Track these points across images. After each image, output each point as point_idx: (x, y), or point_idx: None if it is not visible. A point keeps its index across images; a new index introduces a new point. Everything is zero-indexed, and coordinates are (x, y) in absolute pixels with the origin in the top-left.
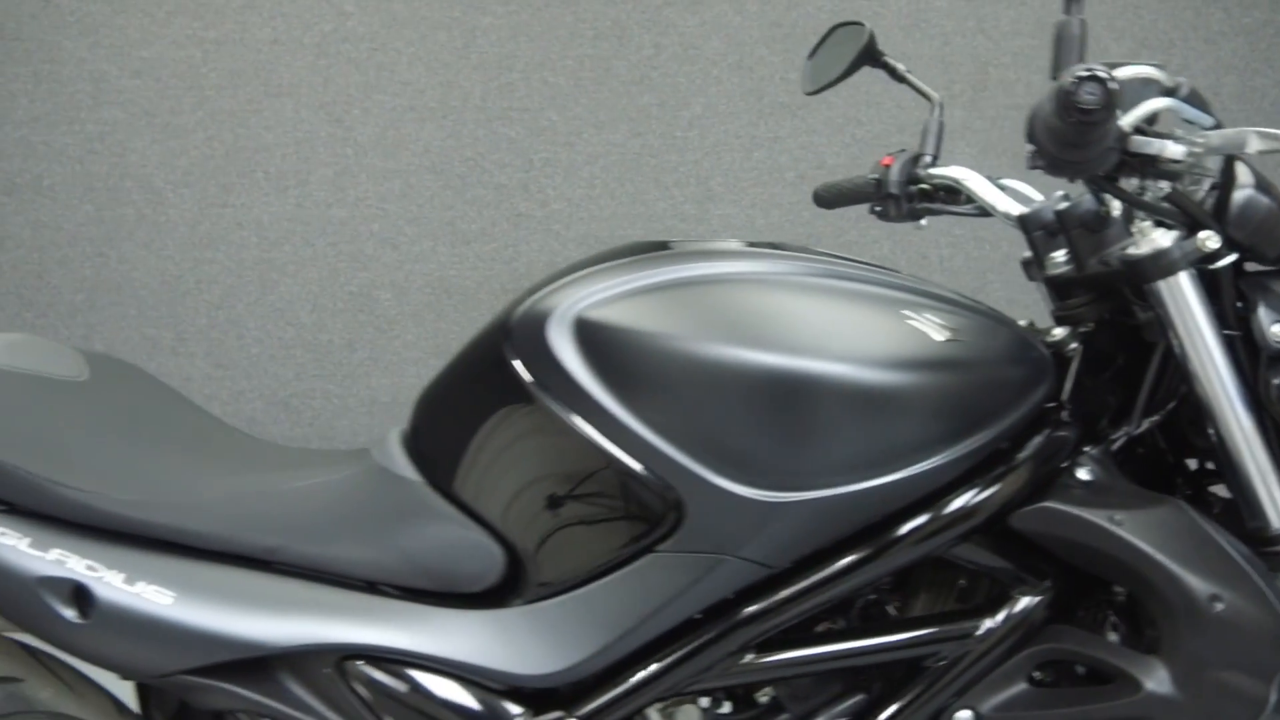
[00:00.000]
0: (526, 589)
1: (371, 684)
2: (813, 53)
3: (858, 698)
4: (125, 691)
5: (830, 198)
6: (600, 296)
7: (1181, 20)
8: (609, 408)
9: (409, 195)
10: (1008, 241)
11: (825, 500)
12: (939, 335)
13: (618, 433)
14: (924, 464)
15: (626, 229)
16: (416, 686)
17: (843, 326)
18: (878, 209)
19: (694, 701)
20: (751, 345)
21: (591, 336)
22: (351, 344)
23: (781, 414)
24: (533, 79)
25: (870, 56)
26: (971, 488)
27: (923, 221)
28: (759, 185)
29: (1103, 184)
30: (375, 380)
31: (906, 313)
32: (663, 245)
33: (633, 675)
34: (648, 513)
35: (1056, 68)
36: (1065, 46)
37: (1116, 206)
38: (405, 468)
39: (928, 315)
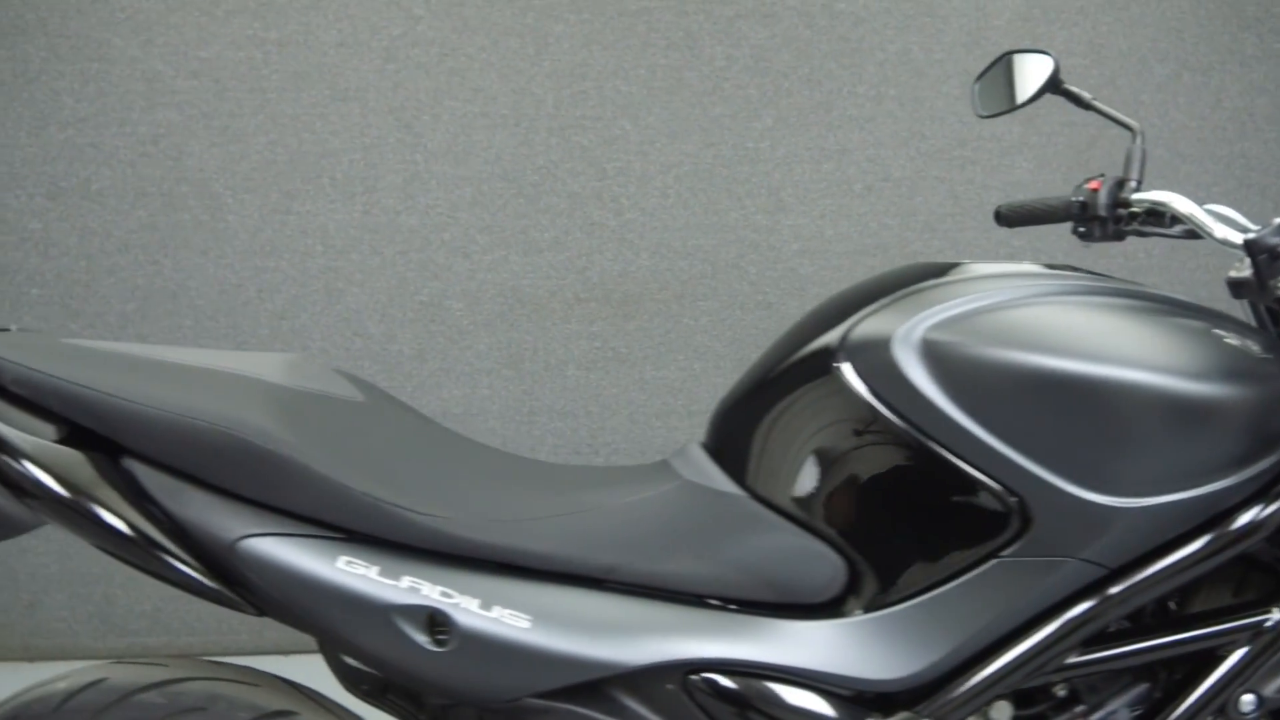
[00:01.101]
0: (867, 597)
1: (717, 697)
2: (980, 76)
3: (1143, 687)
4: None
5: (1014, 217)
6: (942, 317)
7: (1219, 44)
8: (959, 421)
9: (480, 203)
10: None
11: (1163, 506)
12: (1253, 350)
13: (966, 445)
14: (1252, 468)
15: (700, 239)
16: (763, 696)
17: (1172, 343)
18: (1081, 230)
19: (1007, 696)
20: (1096, 359)
21: (939, 354)
22: (422, 354)
23: (1126, 422)
24: (605, 88)
25: (1054, 85)
26: None
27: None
28: (828, 196)
29: None
30: (447, 391)
31: (1218, 331)
32: (953, 266)
33: (974, 676)
34: (993, 521)
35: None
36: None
37: None
38: (723, 482)
39: (1233, 334)
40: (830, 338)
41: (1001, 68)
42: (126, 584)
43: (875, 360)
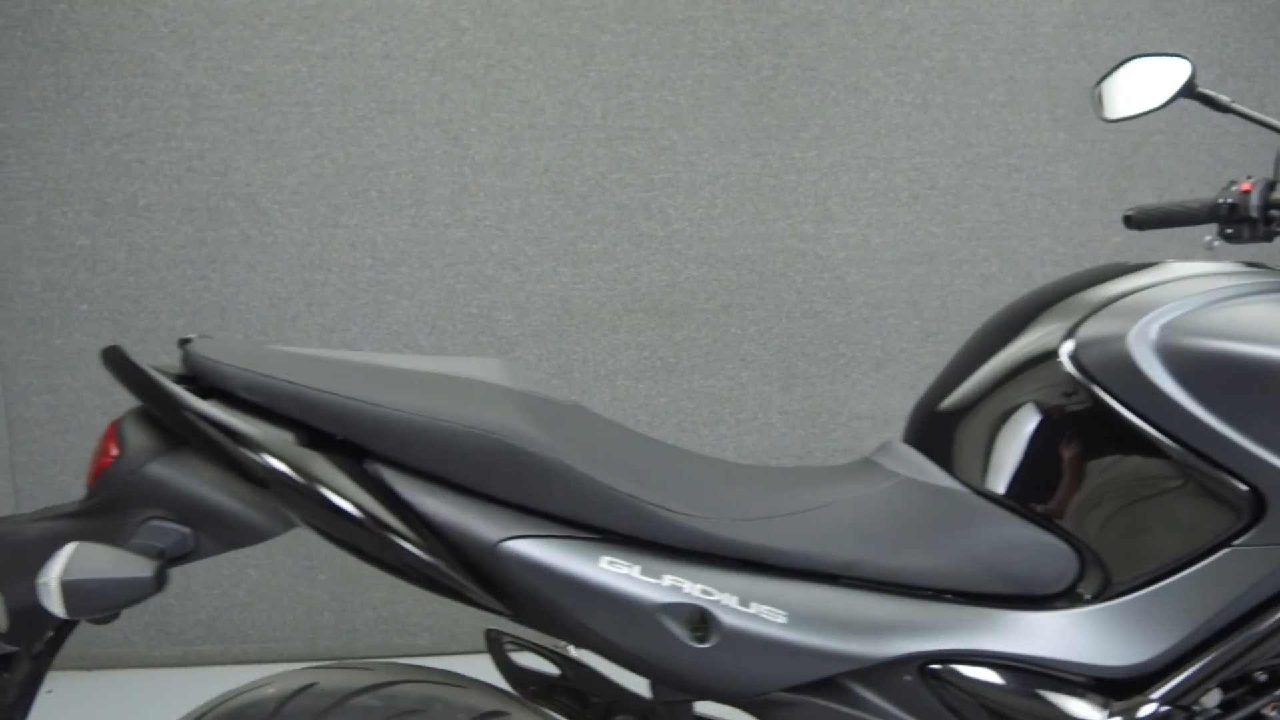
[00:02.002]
0: (1099, 587)
1: (955, 687)
2: (1102, 80)
3: None
4: None
5: (1147, 220)
6: (1173, 315)
7: (1263, 49)
8: (1196, 414)
9: (529, 215)
10: None
11: None
12: None
13: (1203, 437)
14: None
15: (747, 248)
16: (998, 685)
17: None
18: (1229, 231)
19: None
20: None
21: (1174, 350)
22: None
23: None
24: (653, 98)
25: (1190, 89)
26: None
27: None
28: (875, 205)
29: None
30: None
31: None
32: (1155, 266)
33: (1203, 661)
34: (1226, 511)
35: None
36: None
37: None
38: (942, 478)
39: None
40: (1053, 338)
41: (1128, 72)
42: (181, 594)
43: (1109, 358)
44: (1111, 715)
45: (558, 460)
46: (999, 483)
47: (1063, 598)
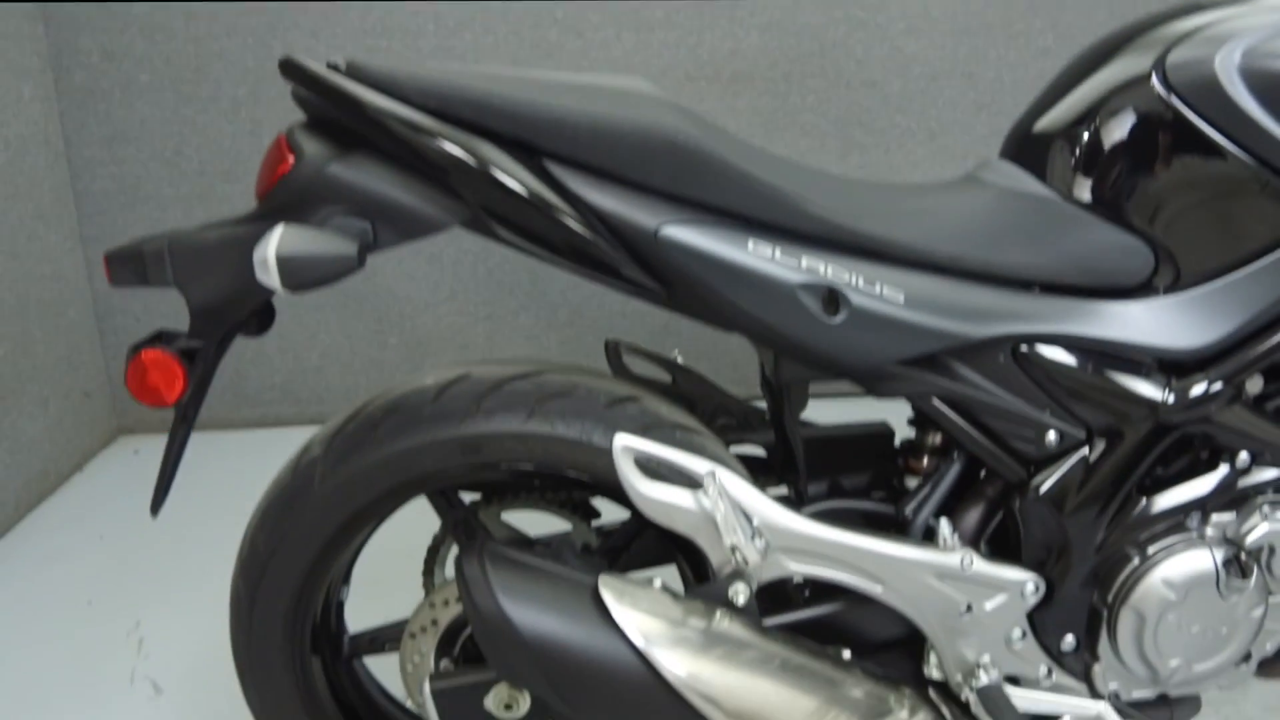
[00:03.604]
0: (1171, 281)
1: (1041, 364)
2: None
3: None
4: None
5: None
6: (1258, 40)
7: None
8: (1272, 131)
9: None
10: None
11: None
12: None
13: (1275, 151)
14: None
15: (808, 16)
16: (1079, 364)
17: None
18: None
19: (1263, 370)
20: None
21: (1258, 71)
22: None
23: None
24: None
25: None
26: None
27: None
28: None
29: None
30: None
31: None
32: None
33: (1256, 348)
34: None
35: None
36: None
37: None
38: (1037, 187)
39: None
40: (1144, 61)
41: None
42: (257, 359)
43: (1196, 79)
44: (1170, 390)
45: (712, 152)
46: (1088, 190)
47: (1139, 290)
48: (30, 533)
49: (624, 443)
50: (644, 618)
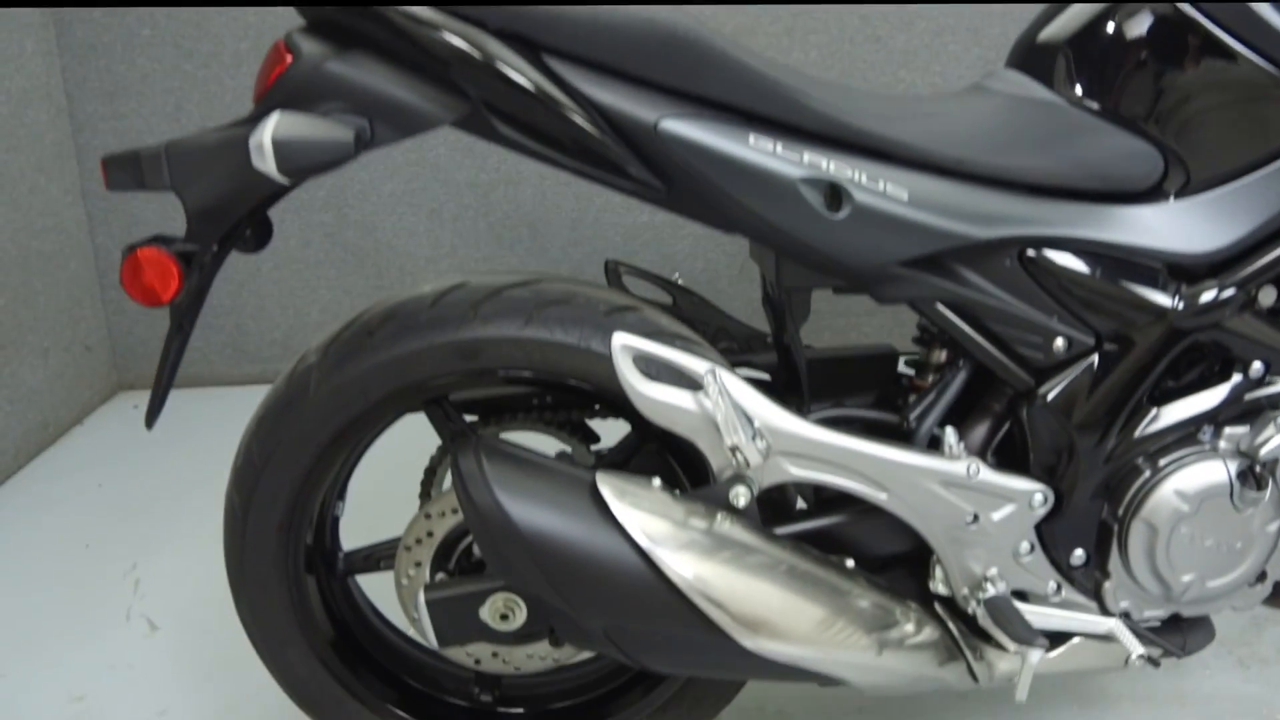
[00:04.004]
0: (1180, 185)
1: (1051, 270)
2: None
3: None
4: None
5: None
6: None
7: None
8: None
9: None
10: None
11: None
12: None
13: None
14: None
15: None
16: (1087, 269)
17: None
18: None
19: (1275, 281)
20: None
21: None
22: None
23: None
24: None
25: None
26: None
27: None
28: None
29: None
30: None
31: None
32: None
33: (1264, 256)
34: None
35: None
36: None
37: None
38: (1044, 94)
39: None
40: None
41: None
42: (257, 314)
43: None
44: (1181, 296)
45: (712, 45)
46: (1096, 96)
47: (1148, 195)
48: (30, 481)
49: (623, 341)
50: (646, 517)
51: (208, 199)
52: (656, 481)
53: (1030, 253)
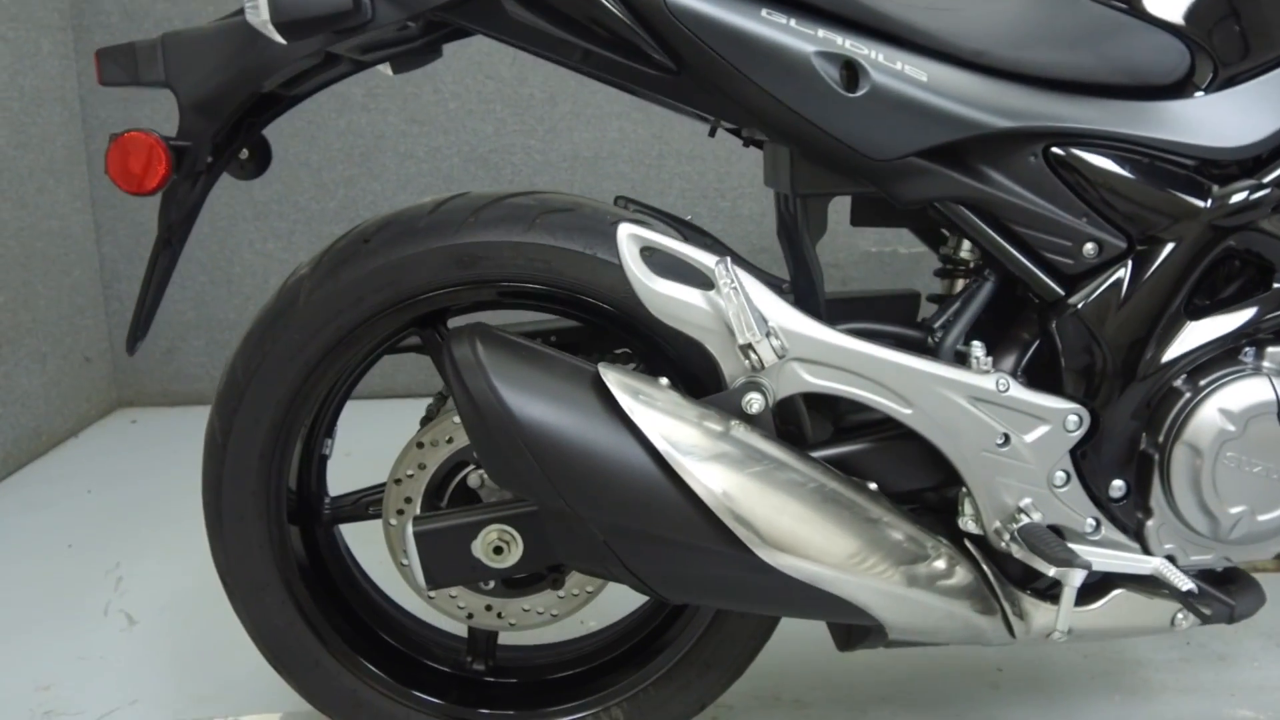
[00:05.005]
0: (1209, 78)
1: (1078, 167)
2: None
3: None
4: None
5: None
6: None
7: None
8: None
9: None
10: None
11: None
12: None
13: None
14: None
15: None
16: (1115, 166)
17: None
18: None
19: None
20: None
21: None
22: (553, 98)
23: None
24: None
25: None
26: None
27: None
28: None
29: None
30: (578, 135)
31: None
32: None
33: None
34: None
35: None
36: None
37: None
38: None
39: None
40: None
41: None
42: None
43: None
44: (1213, 195)
45: None
46: None
47: (1175, 89)
48: (17, 486)
49: (630, 231)
50: (660, 417)
51: (203, 89)
52: (665, 381)
53: (1056, 150)
